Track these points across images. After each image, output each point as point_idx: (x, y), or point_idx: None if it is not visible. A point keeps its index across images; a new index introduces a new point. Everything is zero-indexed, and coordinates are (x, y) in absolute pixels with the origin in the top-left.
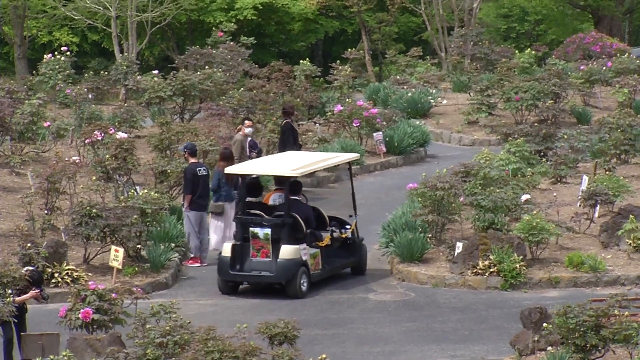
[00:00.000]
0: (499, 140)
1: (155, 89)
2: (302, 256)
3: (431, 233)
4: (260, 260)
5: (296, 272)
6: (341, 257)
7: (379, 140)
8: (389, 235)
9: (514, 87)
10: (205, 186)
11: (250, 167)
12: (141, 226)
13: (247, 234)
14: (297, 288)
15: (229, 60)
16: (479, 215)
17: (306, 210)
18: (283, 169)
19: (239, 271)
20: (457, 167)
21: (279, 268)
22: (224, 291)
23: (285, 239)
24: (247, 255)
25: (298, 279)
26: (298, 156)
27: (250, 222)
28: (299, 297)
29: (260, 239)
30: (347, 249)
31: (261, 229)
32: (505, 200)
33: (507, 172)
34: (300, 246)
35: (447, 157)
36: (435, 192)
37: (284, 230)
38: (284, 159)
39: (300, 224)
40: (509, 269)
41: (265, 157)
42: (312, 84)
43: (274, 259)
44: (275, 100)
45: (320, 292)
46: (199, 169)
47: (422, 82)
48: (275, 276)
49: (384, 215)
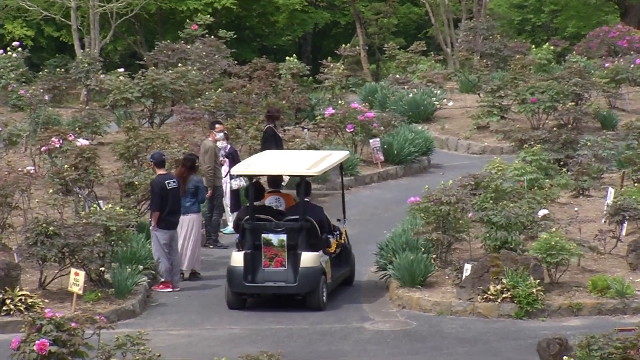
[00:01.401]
0: (513, 148)
1: (120, 90)
2: (321, 264)
3: (435, 253)
4: (274, 270)
5: (318, 281)
6: (340, 266)
7: (376, 148)
8: (387, 256)
9: (529, 87)
10: (176, 201)
11: (258, 167)
12: (105, 246)
13: (258, 241)
14: (319, 299)
15: (205, 57)
16: (490, 233)
17: (319, 213)
18: (297, 168)
19: (252, 282)
20: (465, 179)
21: (301, 278)
22: (234, 305)
23: (303, 245)
24: (258, 265)
25: (320, 289)
26: (291, 155)
27: (262, 228)
28: (320, 309)
29: (274, 246)
30: (340, 257)
31: (275, 235)
32: (520, 216)
33: (522, 184)
34: (319, 253)
35: (453, 166)
36: (440, 206)
37: (302, 235)
38: (280, 157)
39: (316, 229)
40: (525, 295)
41: (253, 158)
42: (300, 83)
43: (289, 268)
44: (257, 102)
45: (308, 319)
46: (167, 182)
47: (425, 81)
48: (297, 286)
49: (381, 234)
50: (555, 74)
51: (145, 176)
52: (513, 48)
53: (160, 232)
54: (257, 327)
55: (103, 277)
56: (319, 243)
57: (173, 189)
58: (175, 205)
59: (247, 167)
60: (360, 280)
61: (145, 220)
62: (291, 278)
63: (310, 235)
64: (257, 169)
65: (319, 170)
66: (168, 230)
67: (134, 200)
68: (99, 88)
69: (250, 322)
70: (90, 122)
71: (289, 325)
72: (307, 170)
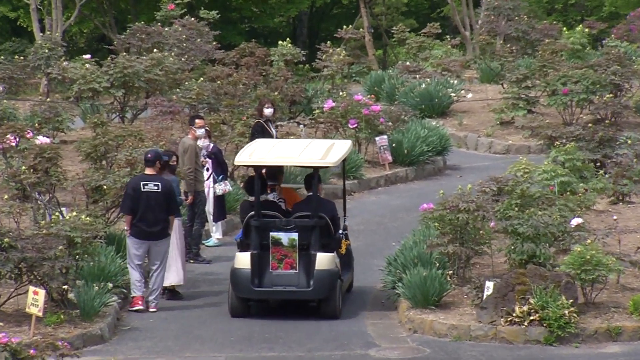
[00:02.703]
0: (542, 147)
1: (87, 79)
2: (337, 266)
3: (452, 269)
4: (283, 273)
5: (335, 285)
6: (347, 270)
7: (383, 147)
8: (396, 273)
9: (561, 77)
10: (152, 208)
11: (265, 156)
12: (68, 260)
13: (265, 240)
14: (336, 306)
15: (185, 41)
16: (516, 245)
17: (332, 209)
18: (310, 158)
19: (260, 286)
20: (487, 182)
21: (316, 282)
22: (237, 312)
23: (317, 245)
24: (265, 267)
25: (337, 295)
26: (294, 144)
27: (270, 226)
28: (336, 317)
29: (283, 246)
30: (342, 259)
31: (285, 234)
32: (550, 225)
33: (553, 189)
34: (334, 254)
35: (472, 168)
36: (458, 215)
37: (315, 234)
38: (284, 146)
39: (330, 227)
40: (555, 317)
41: (252, 146)
42: (295, 72)
43: (301, 271)
44: (245, 93)
45: (304, 345)
46: (144, 183)
47: (439, 69)
48: (312, 291)
49: (389, 246)
50: (590, 61)
51: (115, 179)
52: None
53: (130, 240)
54: (245, 354)
55: (66, 297)
56: (333, 243)
57: (150, 193)
58: (149, 214)
59: (251, 155)
60: (365, 300)
61: (115, 231)
62: (304, 282)
63: (323, 234)
64: (264, 158)
65: (335, 160)
66: (140, 240)
67: (102, 208)
68: (61, 77)
69: (237, 349)
70: (52, 117)
71: (282, 352)
72: (321, 161)
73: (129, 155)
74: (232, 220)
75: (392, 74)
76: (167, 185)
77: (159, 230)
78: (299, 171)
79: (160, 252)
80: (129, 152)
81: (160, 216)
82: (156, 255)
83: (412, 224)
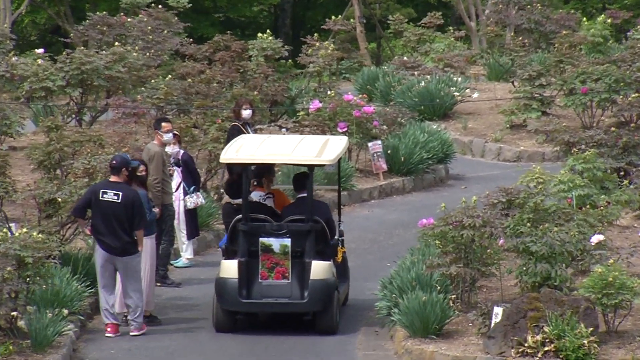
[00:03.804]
0: (558, 154)
1: (39, 77)
2: (334, 275)
3: (455, 293)
4: (274, 283)
5: (332, 297)
6: (342, 280)
7: (377, 154)
8: (391, 297)
9: (579, 74)
10: (109, 221)
11: (254, 152)
12: (18, 283)
13: (254, 246)
14: (333, 320)
15: (151, 34)
16: (528, 266)
17: (326, 212)
18: (304, 155)
19: (249, 298)
20: (495, 194)
21: (311, 293)
22: (223, 327)
23: (312, 252)
24: (254, 277)
25: (335, 307)
26: (285, 140)
27: (260, 231)
28: (333, 333)
29: (274, 253)
30: (337, 268)
31: (277, 240)
32: (567, 243)
33: (570, 201)
34: (330, 262)
35: (479, 178)
36: (462, 231)
37: (309, 240)
38: (274, 142)
39: (326, 232)
40: (573, 347)
41: (238, 141)
42: (276, 68)
43: (294, 281)
44: (220, 93)
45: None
46: (104, 191)
47: (441, 65)
48: (307, 304)
49: (383, 267)
50: (613, 55)
51: (72, 191)
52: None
53: (96, 252)
54: None
55: (15, 325)
56: (329, 250)
57: (108, 203)
58: (106, 227)
59: (238, 151)
60: (357, 328)
61: (70, 250)
62: (297, 293)
63: (319, 240)
64: (253, 155)
65: (332, 158)
66: (102, 251)
67: (57, 223)
68: (10, 75)
69: None
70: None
71: None
72: (317, 158)
73: (87, 163)
74: (205, 237)
75: (388, 71)
76: (130, 196)
77: (119, 247)
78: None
79: (129, 269)
80: (87, 160)
81: (118, 231)
82: (125, 272)
83: (409, 241)
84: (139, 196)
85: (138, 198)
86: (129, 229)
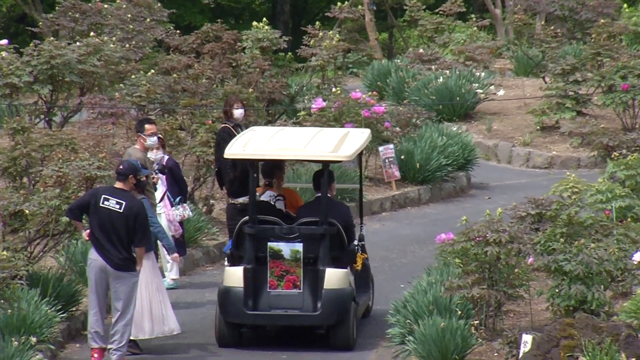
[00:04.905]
0: (595, 159)
1: (3, 72)
2: (351, 285)
3: (478, 319)
4: (283, 293)
5: (348, 309)
6: (362, 290)
7: (389, 159)
8: (405, 323)
9: (620, 68)
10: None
11: (262, 148)
12: None
13: (262, 252)
14: (349, 334)
15: (131, 22)
16: (561, 288)
17: (345, 214)
18: (318, 150)
19: (255, 309)
20: (523, 206)
21: (325, 304)
22: (226, 342)
23: (326, 258)
24: (262, 285)
25: (351, 320)
26: (300, 132)
27: (268, 235)
28: (349, 349)
29: (284, 259)
30: (361, 276)
31: (287, 245)
32: (606, 262)
33: (609, 214)
34: (347, 270)
35: (505, 187)
36: (486, 248)
37: (324, 245)
38: (286, 136)
39: (342, 236)
40: None
41: (246, 135)
42: (274, 62)
43: (306, 290)
44: (210, 90)
45: None
46: (105, 197)
47: (462, 58)
48: (320, 316)
49: (396, 288)
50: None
51: (41, 202)
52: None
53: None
54: None
55: None
56: (345, 256)
57: (109, 211)
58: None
59: (245, 146)
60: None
61: (38, 269)
62: (309, 304)
63: (334, 245)
64: (261, 150)
65: (350, 153)
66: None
67: (24, 239)
68: None
69: None
70: None
71: None
72: (332, 154)
73: (58, 170)
74: (192, 255)
75: (401, 65)
76: (134, 208)
77: (116, 261)
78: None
79: (122, 290)
80: (59, 167)
81: (116, 245)
82: (116, 291)
83: (426, 259)
84: (144, 209)
85: (143, 211)
86: (128, 244)
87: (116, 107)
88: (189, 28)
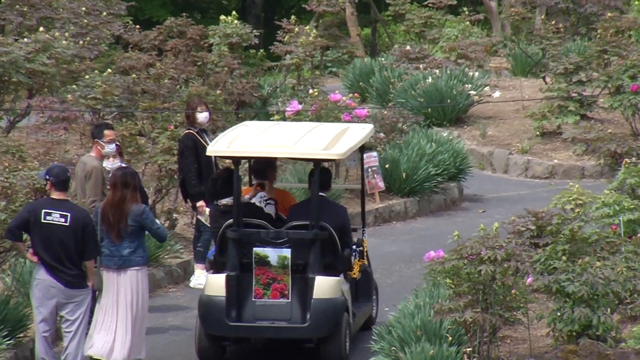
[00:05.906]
0: (601, 168)
1: None
2: (344, 294)
3: (471, 345)
4: (270, 303)
5: (340, 320)
6: (361, 300)
7: (372, 169)
8: (390, 350)
9: (628, 67)
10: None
11: (248, 145)
12: None
13: (247, 258)
14: (341, 348)
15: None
16: (563, 311)
17: (340, 216)
18: (309, 147)
19: (239, 320)
20: (521, 220)
21: (314, 315)
22: (207, 356)
23: (317, 265)
24: (247, 295)
25: (343, 333)
26: (292, 128)
27: (253, 239)
28: None
29: (271, 266)
30: (360, 284)
31: (274, 250)
32: (613, 282)
33: (616, 228)
34: (340, 278)
35: (501, 199)
36: (480, 266)
37: (314, 250)
38: (277, 132)
39: (335, 241)
40: None
41: (233, 131)
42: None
43: (295, 300)
44: (173, 91)
45: None
46: (46, 212)
47: (453, 56)
48: (309, 328)
49: (381, 312)
50: None
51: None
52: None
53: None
54: None
55: None
56: (339, 263)
57: (54, 226)
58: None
59: (230, 144)
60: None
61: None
62: (298, 315)
63: (326, 251)
64: (248, 147)
65: (343, 151)
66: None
67: None
68: None
69: None
70: None
71: None
72: (324, 152)
73: (4, 181)
74: (154, 275)
75: (385, 63)
76: (81, 219)
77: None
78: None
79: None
80: (5, 177)
81: (65, 262)
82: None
83: (413, 279)
84: (90, 218)
85: (90, 220)
86: (78, 259)
87: (68, 111)
88: (150, 23)
